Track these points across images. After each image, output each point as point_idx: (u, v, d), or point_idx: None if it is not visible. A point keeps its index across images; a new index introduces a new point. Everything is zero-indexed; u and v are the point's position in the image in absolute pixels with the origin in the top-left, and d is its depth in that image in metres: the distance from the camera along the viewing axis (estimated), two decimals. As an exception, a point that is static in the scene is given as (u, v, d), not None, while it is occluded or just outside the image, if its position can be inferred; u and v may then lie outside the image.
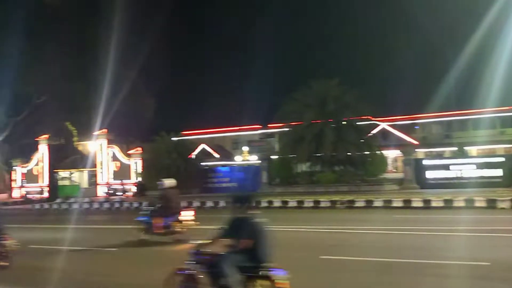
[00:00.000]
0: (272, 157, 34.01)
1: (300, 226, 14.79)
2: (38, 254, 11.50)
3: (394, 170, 36.35)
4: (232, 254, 5.47)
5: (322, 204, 21.55)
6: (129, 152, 37.38)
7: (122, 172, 36.42)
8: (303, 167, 34.05)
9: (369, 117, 32.20)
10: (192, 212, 12.67)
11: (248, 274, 5.39)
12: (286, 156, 31.76)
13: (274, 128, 40.53)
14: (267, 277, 5.36)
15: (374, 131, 34.67)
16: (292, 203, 22.27)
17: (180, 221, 12.04)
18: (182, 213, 12.27)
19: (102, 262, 10.38)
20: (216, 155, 41.98)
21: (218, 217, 18.58)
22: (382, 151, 31.60)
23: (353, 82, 31.57)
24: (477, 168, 27.25)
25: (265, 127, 45.30)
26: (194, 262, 5.68)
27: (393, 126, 40.30)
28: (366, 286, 7.40)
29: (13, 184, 40.17)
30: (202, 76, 73.31)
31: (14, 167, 40.25)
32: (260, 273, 5.38)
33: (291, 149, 31.08)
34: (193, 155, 36.72)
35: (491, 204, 18.09)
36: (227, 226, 5.80)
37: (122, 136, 41.46)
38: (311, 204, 21.75)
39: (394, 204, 20.03)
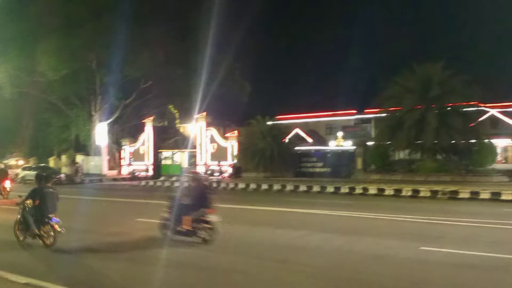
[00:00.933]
0: (367, 143, 33.04)
1: (398, 215, 14.25)
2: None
3: (504, 161, 33.37)
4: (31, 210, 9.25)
5: (422, 194, 20.53)
6: (226, 134, 38.67)
7: (219, 154, 37.84)
8: (401, 154, 32.66)
9: (476, 102, 29.78)
10: None
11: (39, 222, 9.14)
12: (382, 143, 30.67)
13: (371, 114, 39.25)
14: (49, 224, 9.04)
15: (483, 118, 31.99)
16: (389, 191, 21.49)
17: None
18: None
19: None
20: (310, 140, 41.74)
21: (309, 202, 18.68)
22: (491, 140, 29.13)
23: (460, 65, 29.27)
24: None
25: (360, 112, 44.01)
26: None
27: (504, 113, 36.84)
28: (469, 282, 6.93)
29: (122, 162, 43.72)
30: (298, 60, 72.94)
31: (123, 146, 43.70)
32: (46, 220, 9.06)
33: (388, 136, 29.92)
34: (287, 139, 36.93)
35: None
36: (31, 193, 9.35)
37: (219, 119, 43.05)
38: (410, 193, 20.84)
39: (504, 197, 18.46)
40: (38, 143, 48.26)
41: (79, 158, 44.64)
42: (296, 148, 36.12)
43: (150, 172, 39.75)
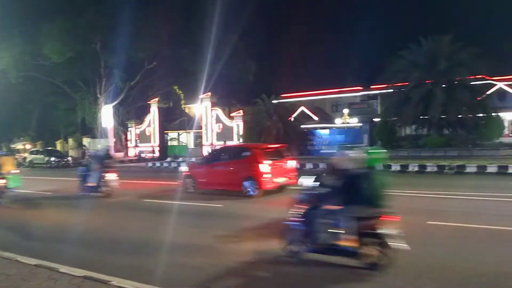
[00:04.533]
0: (374, 119, 32.89)
1: (405, 190, 14.23)
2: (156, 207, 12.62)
3: (511, 134, 33.13)
4: None
5: (429, 169, 20.52)
6: (232, 114, 38.60)
7: (225, 134, 37.86)
8: (408, 130, 32.51)
9: (484, 76, 29.43)
10: None
11: None
12: (389, 119, 30.52)
13: (377, 90, 38.90)
14: None
15: (490, 92, 31.63)
16: (395, 167, 21.49)
17: None
18: None
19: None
20: (316, 118, 41.59)
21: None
22: (499, 113, 28.86)
23: (467, 38, 28.80)
24: None
25: (366, 88, 43.70)
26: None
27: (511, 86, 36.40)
28: (476, 253, 6.97)
29: (128, 144, 43.92)
30: (303, 37, 72.08)
31: (129, 128, 43.84)
32: None
33: (395, 111, 29.74)
34: (293, 117, 36.83)
35: None
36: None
37: (224, 98, 42.94)
38: (416, 169, 20.85)
39: (511, 170, 18.40)
40: (44, 127, 48.56)
41: (85, 141, 44.89)
42: (302, 126, 36.04)
43: (157, 154, 39.93)
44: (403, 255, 6.23)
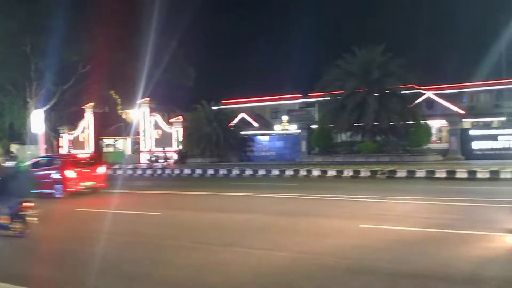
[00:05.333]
0: (312, 126, 33.70)
1: (340, 195, 14.70)
2: (87, 216, 12.08)
3: (439, 141, 35.22)
4: None
5: (362, 174, 21.30)
6: (171, 120, 38.01)
7: (164, 140, 37.18)
8: (343, 136, 33.58)
9: (413, 85, 31.07)
10: None
11: None
12: (326, 126, 31.38)
13: (315, 97, 39.90)
14: None
15: (419, 100, 33.48)
16: (331, 173, 22.14)
17: None
18: None
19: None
20: (256, 124, 41.97)
21: (255, 185, 18.82)
22: (427, 121, 30.58)
23: (398, 49, 30.36)
24: (528, 139, 25.98)
25: (305, 96, 44.75)
26: None
27: (439, 95, 38.71)
28: (404, 255, 7.28)
29: (60, 150, 41.91)
30: (243, 44, 72.65)
31: (61, 134, 41.87)
32: None
33: (331, 119, 30.63)
34: (233, 124, 36.90)
35: (542, 177, 17.29)
36: None
37: (163, 104, 42.20)
38: (351, 174, 21.55)
39: (438, 175, 19.53)
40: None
41: (14, 147, 42.32)
42: (242, 132, 36.21)
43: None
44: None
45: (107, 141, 41.69)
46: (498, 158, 24.45)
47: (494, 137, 26.98)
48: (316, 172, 22.64)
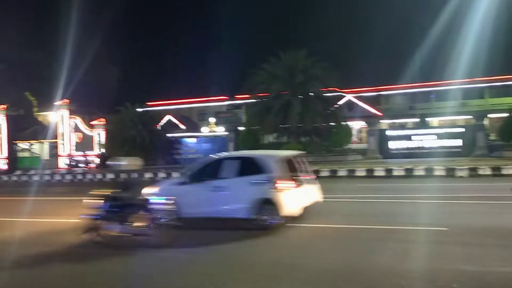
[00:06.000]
0: (239, 128, 33.92)
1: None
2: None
3: (359, 141, 36.99)
4: None
5: (288, 174, 21.73)
6: (92, 123, 36.36)
7: (84, 144, 35.51)
8: (270, 138, 34.18)
9: (335, 88, 32.40)
10: None
11: None
12: (253, 127, 31.74)
13: (242, 99, 40.26)
14: None
15: (340, 103, 34.96)
16: (259, 174, 22.36)
17: None
18: None
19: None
20: (183, 126, 41.42)
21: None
22: (348, 122, 31.99)
23: (320, 53, 31.45)
24: (438, 138, 28.07)
25: (232, 98, 44.94)
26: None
27: (358, 98, 40.72)
28: (331, 251, 7.52)
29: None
30: (169, 46, 71.42)
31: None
32: None
33: (258, 120, 31.04)
34: (159, 126, 36.14)
35: (450, 173, 18.72)
36: None
37: (84, 106, 40.26)
38: (277, 175, 21.91)
39: (358, 174, 20.46)
40: None
41: None
42: (169, 135, 35.57)
43: (5, 166, 35.71)
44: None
45: (22, 145, 38.93)
46: (412, 157, 26.18)
47: (408, 137, 28.81)
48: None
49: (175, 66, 62.41)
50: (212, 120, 41.28)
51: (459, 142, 27.50)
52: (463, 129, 28.58)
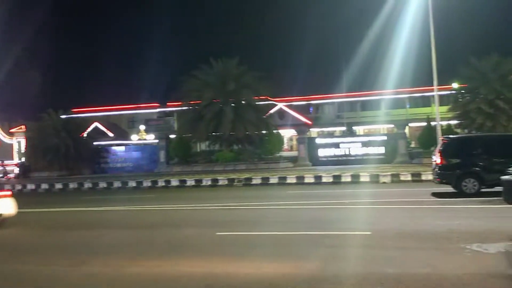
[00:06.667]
0: (170, 136, 33.38)
1: (198, 204, 14.75)
2: None
3: (290, 149, 37.83)
4: None
5: (220, 183, 21.72)
6: (12, 130, 34.08)
7: (3, 152, 33.19)
8: (202, 146, 33.99)
9: (267, 97, 32.97)
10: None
11: None
12: (184, 135, 31.40)
13: (173, 107, 39.71)
14: None
15: (272, 111, 35.64)
16: (190, 182, 22.14)
17: None
18: None
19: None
20: (111, 134, 40.01)
21: (109, 198, 17.88)
22: (279, 130, 32.63)
23: (252, 62, 32.08)
24: (363, 146, 29.42)
25: (163, 105, 44.21)
26: None
27: (289, 107, 41.72)
28: (262, 257, 7.55)
29: None
30: (98, 52, 68.98)
31: None
32: None
33: (190, 128, 30.78)
34: (85, 134, 34.64)
35: (374, 179, 19.63)
36: None
37: (3, 112, 37.67)
38: (209, 183, 21.83)
39: (289, 181, 20.86)
40: None
41: None
42: (96, 143, 34.18)
43: None
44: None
45: None
46: (340, 164, 27.22)
47: (336, 145, 29.93)
48: (175, 182, 22.41)
49: (104, 72, 60.46)
50: (142, 127, 40.27)
51: (382, 150, 29.00)
52: (385, 137, 30.19)
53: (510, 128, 26.85)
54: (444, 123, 28.90)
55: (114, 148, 33.67)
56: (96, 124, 40.34)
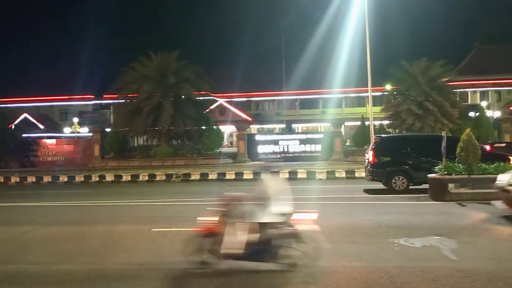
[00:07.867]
0: (106, 129, 32.28)
1: (134, 200, 14.41)
2: None
3: (230, 145, 37.90)
4: None
5: (158, 178, 21.35)
6: None
7: None
8: (140, 140, 33.19)
9: (207, 92, 32.77)
10: None
11: None
12: (121, 129, 30.49)
13: (110, 99, 38.40)
14: None
15: (213, 107, 35.47)
16: (126, 177, 21.57)
17: None
18: None
19: None
20: (41, 126, 38.02)
21: (38, 194, 17.03)
22: (219, 126, 32.56)
23: (192, 57, 31.66)
24: (301, 143, 30.11)
25: (99, 97, 42.59)
26: None
27: (230, 103, 41.74)
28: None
29: None
30: (29, 39, 65.09)
31: None
32: None
33: (127, 122, 29.94)
34: (13, 125, 32.67)
35: (311, 176, 20.18)
36: None
37: None
38: (146, 178, 21.39)
39: (228, 177, 20.92)
40: None
41: None
42: (25, 135, 32.34)
43: None
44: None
45: None
46: (279, 161, 27.64)
47: (275, 142, 30.41)
48: (110, 177, 21.72)
49: (35, 61, 57.09)
50: (75, 120, 38.61)
51: (319, 147, 29.85)
52: (322, 135, 31.09)
53: (437, 128, 28.51)
54: (377, 122, 30.16)
55: (44, 140, 32.01)
56: (25, 115, 38.20)
